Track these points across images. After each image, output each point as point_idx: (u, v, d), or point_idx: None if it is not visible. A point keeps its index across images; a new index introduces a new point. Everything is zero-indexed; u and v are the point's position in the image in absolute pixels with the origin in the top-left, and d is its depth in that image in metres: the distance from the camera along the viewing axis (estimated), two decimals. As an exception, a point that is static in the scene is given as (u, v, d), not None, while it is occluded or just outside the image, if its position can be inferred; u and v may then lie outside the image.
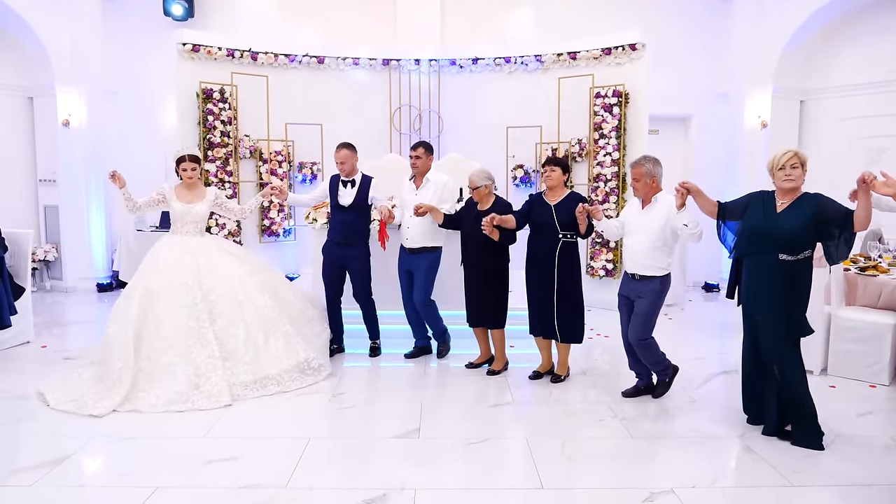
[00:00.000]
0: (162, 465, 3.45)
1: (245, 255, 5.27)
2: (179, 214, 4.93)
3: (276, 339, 4.79)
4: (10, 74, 8.39)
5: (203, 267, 4.76)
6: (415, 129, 8.41)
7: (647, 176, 4.29)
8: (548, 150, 7.98)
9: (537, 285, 4.76)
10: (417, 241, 5.27)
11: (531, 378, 4.96)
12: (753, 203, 3.76)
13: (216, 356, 4.47)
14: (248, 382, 4.51)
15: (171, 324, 4.48)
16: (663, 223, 4.23)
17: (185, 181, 4.99)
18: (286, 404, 4.45)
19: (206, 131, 7.48)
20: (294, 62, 8.07)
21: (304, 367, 4.78)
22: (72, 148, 8.50)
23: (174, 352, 4.42)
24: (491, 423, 4.10)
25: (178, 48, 7.46)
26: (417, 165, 5.29)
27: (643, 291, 4.31)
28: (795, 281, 3.60)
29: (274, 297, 4.97)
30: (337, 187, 5.37)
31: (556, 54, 7.92)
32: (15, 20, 7.93)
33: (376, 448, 3.72)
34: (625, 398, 4.52)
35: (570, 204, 4.63)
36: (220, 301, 4.68)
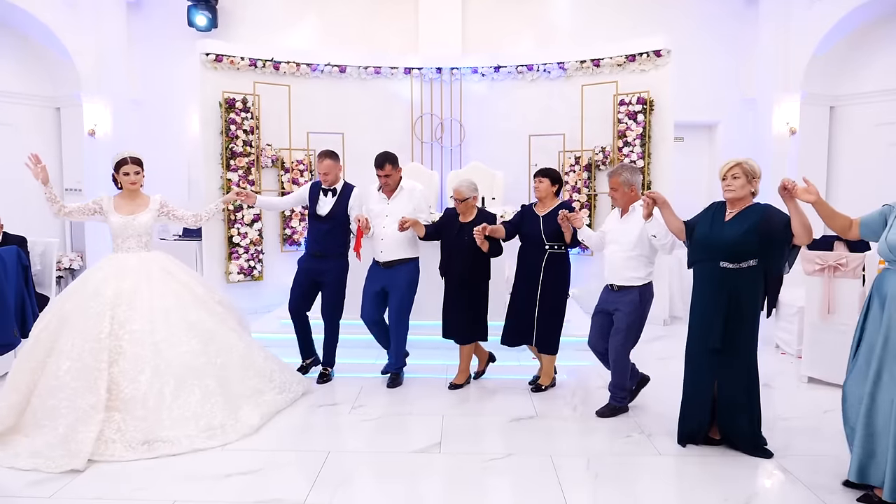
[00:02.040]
0: (180, 479, 3.42)
1: (192, 281, 4.40)
2: (119, 228, 4.22)
3: (190, 395, 3.92)
4: (38, 85, 8.50)
5: (126, 292, 3.99)
6: (436, 138, 8.36)
7: (626, 185, 4.27)
8: (570, 158, 7.89)
9: (523, 295, 4.74)
10: (393, 253, 4.96)
11: (533, 391, 4.90)
12: (705, 213, 3.82)
13: (99, 407, 3.67)
14: (136, 442, 3.68)
15: (69, 360, 3.76)
16: (640, 232, 4.20)
17: (127, 188, 4.31)
18: (305, 417, 4.41)
19: (228, 140, 7.50)
20: (316, 71, 8.08)
21: (212, 434, 3.88)
22: (97, 157, 8.57)
23: (63, 394, 3.69)
24: (513, 439, 4.02)
25: (201, 58, 7.49)
26: (389, 184, 4.95)
27: (621, 303, 4.24)
28: (738, 289, 3.59)
29: (206, 342, 4.12)
30: (317, 195, 5.07)
31: (579, 61, 7.84)
32: (42, 31, 8.03)
33: (397, 462, 3.65)
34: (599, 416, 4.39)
35: (556, 215, 4.58)
36: (132, 337, 3.88)
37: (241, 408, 4.12)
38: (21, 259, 5.27)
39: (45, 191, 4.18)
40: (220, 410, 3.98)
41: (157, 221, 4.43)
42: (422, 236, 4.97)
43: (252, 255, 7.68)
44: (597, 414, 4.38)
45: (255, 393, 4.28)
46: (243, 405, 4.15)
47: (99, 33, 8.42)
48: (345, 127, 8.04)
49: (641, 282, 4.25)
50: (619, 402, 4.41)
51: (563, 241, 4.62)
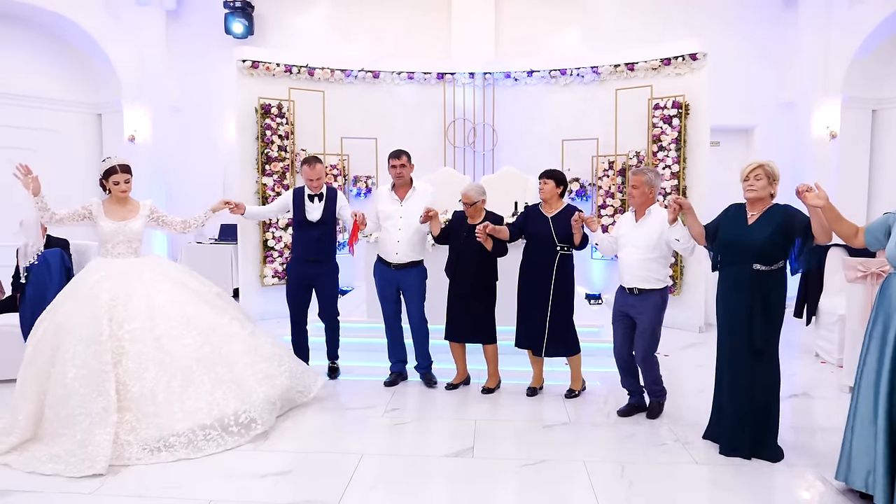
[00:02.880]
0: (216, 478, 3.47)
1: (187, 278, 4.40)
2: (109, 234, 4.20)
3: (200, 385, 3.91)
4: (81, 92, 8.74)
5: (120, 295, 3.99)
6: (469, 143, 8.37)
7: (647, 185, 4.31)
8: (604, 162, 7.83)
9: (531, 297, 4.74)
10: (407, 255, 4.99)
11: (528, 395, 4.89)
12: (726, 216, 3.89)
13: (111, 409, 3.65)
14: (151, 441, 3.67)
15: (73, 367, 3.73)
16: (658, 235, 4.24)
17: (118, 196, 4.28)
18: (339, 419, 4.44)
19: (264, 146, 7.61)
20: (350, 77, 8.16)
21: (227, 424, 3.87)
22: (137, 163, 8.59)
23: (74, 401, 3.67)
24: (547, 445, 3.99)
25: (238, 65, 7.62)
26: (402, 175, 5.02)
27: (643, 308, 4.28)
28: (769, 291, 3.67)
29: (208, 333, 4.12)
30: (302, 202, 5.08)
31: (613, 65, 7.78)
32: (86, 40, 8.26)
33: (430, 466, 3.66)
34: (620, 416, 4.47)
35: (566, 216, 4.65)
36: (132, 336, 3.88)
37: (255, 391, 4.09)
38: (64, 261, 5.40)
39: (37, 201, 4.08)
40: (234, 399, 3.96)
41: (147, 227, 4.41)
42: (436, 235, 5.00)
43: (286, 258, 7.77)
44: (647, 416, 4.43)
45: (266, 377, 4.24)
46: (256, 388, 4.11)
47: (139, 41, 8.63)
48: (378, 132, 8.10)
49: (661, 284, 4.31)
50: (660, 397, 4.48)
51: (572, 243, 4.67)
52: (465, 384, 5.15)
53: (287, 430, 4.17)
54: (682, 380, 5.37)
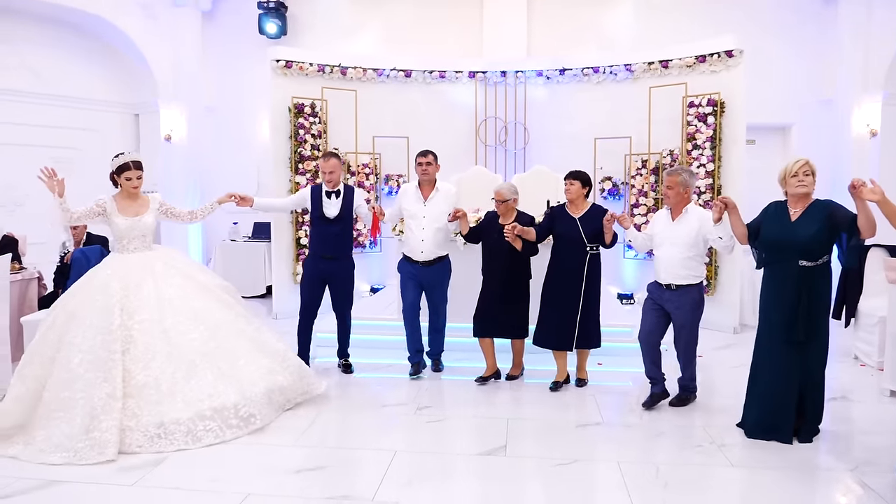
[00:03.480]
0: (254, 472, 3.52)
1: (196, 272, 4.50)
2: (125, 230, 4.27)
3: (203, 378, 3.97)
4: (119, 93, 8.92)
5: (133, 286, 4.08)
6: (500, 142, 8.37)
7: (682, 186, 4.38)
8: (637, 161, 7.76)
9: (559, 296, 4.81)
10: (432, 252, 5.14)
11: (551, 389, 4.94)
12: (768, 215, 3.95)
13: (117, 395, 3.73)
14: (152, 427, 3.74)
15: (80, 352, 3.80)
16: (695, 234, 4.34)
17: (129, 191, 4.35)
18: (372, 416, 4.48)
19: (297, 145, 7.69)
20: (382, 76, 8.20)
21: (227, 416, 3.93)
22: (173, 162, 8.93)
23: (77, 385, 3.73)
24: (579, 444, 3.97)
25: (271, 65, 7.70)
26: (428, 173, 5.15)
27: (680, 303, 4.39)
28: (815, 285, 3.77)
29: (213, 328, 4.19)
30: (320, 198, 5.14)
31: (646, 63, 7.71)
32: (124, 41, 8.44)
33: (462, 464, 3.67)
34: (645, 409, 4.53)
35: (594, 216, 4.76)
36: (141, 326, 3.96)
37: (256, 385, 4.15)
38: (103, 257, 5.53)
39: (60, 203, 4.16)
40: (234, 392, 4.02)
41: (157, 219, 4.48)
42: (465, 234, 5.10)
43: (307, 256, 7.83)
44: (670, 404, 4.56)
45: (269, 373, 4.29)
46: (258, 383, 4.17)
47: (176, 42, 8.79)
48: (409, 131, 8.13)
49: (698, 279, 4.42)
50: (692, 392, 4.61)
51: (600, 242, 4.75)
52: (495, 378, 5.20)
53: (321, 426, 4.22)
54: (716, 381, 5.30)
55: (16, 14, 7.81)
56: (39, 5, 7.68)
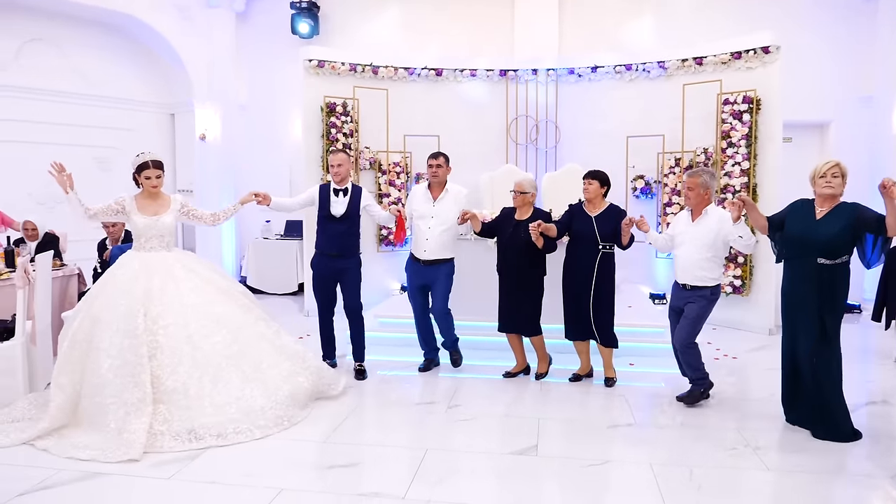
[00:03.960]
0: (287, 468, 3.57)
1: (215, 276, 4.50)
2: (142, 229, 4.28)
3: (229, 381, 4.04)
4: (156, 93, 9.11)
5: (155, 290, 4.10)
6: (531, 140, 8.33)
7: (702, 187, 4.45)
8: (670, 159, 7.66)
9: (574, 293, 4.91)
10: (436, 253, 5.18)
11: (571, 380, 5.08)
12: (794, 211, 4.02)
13: (147, 400, 3.80)
14: (183, 432, 3.80)
15: (108, 357, 3.87)
16: (714, 235, 4.40)
17: (149, 191, 4.36)
18: (403, 414, 4.50)
19: (328, 143, 7.75)
20: (413, 75, 8.22)
21: (255, 418, 3.98)
22: (207, 160, 9.08)
23: (108, 390, 3.82)
24: (611, 445, 3.95)
25: (304, 64, 7.78)
26: (438, 175, 5.20)
27: (693, 297, 4.46)
28: (832, 283, 3.83)
29: (235, 331, 4.23)
30: (328, 197, 5.15)
31: (680, 60, 7.61)
32: (161, 42, 8.60)
33: (493, 463, 3.67)
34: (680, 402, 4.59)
35: (610, 216, 4.83)
36: (166, 332, 3.99)
37: (281, 388, 4.21)
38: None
39: (70, 197, 4.18)
40: (260, 395, 4.08)
41: (178, 220, 4.48)
42: (477, 231, 5.14)
43: (349, 254, 7.90)
44: (680, 399, 4.57)
45: (291, 375, 4.34)
46: (282, 386, 4.23)
47: (210, 43, 8.93)
48: (440, 129, 8.14)
49: (714, 282, 4.46)
50: (701, 385, 4.57)
51: (615, 241, 4.81)
52: (524, 373, 5.26)
53: (353, 423, 4.26)
54: (751, 383, 5.23)
55: (63, 18, 8.05)
56: (84, 9, 7.89)
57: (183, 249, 5.69)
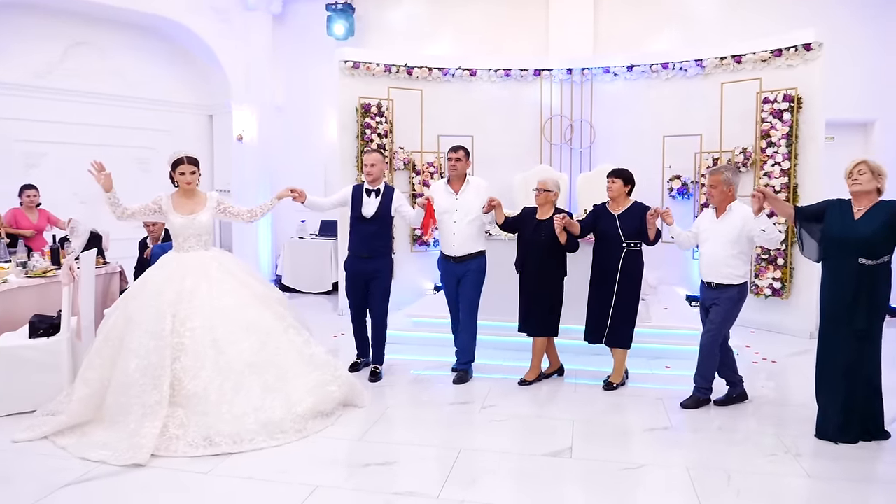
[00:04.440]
0: (322, 465, 3.61)
1: (252, 280, 4.45)
2: (179, 228, 4.28)
3: (250, 391, 3.95)
4: (195, 95, 9.29)
5: (186, 291, 4.08)
6: (566, 140, 8.28)
7: (725, 184, 4.43)
8: (708, 159, 7.54)
9: (598, 291, 4.91)
10: (465, 247, 5.09)
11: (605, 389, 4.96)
12: (831, 211, 3.96)
13: (163, 403, 3.77)
14: (199, 439, 3.74)
15: (136, 357, 3.88)
16: (738, 231, 4.37)
17: (184, 188, 4.36)
18: (436, 413, 4.52)
19: (363, 144, 7.81)
20: (447, 75, 8.23)
21: (272, 431, 3.88)
22: (244, 161, 9.23)
23: (132, 391, 3.82)
24: (647, 448, 3.91)
25: (339, 65, 7.84)
26: (457, 168, 5.10)
27: (719, 299, 4.42)
28: (874, 284, 3.79)
29: (264, 339, 4.16)
30: (360, 197, 5.11)
31: (718, 58, 7.48)
32: (199, 45, 8.77)
33: (528, 464, 3.66)
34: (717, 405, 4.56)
35: (633, 214, 4.81)
36: (192, 334, 3.96)
37: (303, 401, 4.09)
38: (181, 254, 5.75)
39: (109, 196, 4.21)
40: (280, 407, 3.97)
41: (214, 218, 4.44)
42: (500, 223, 5.09)
43: (383, 254, 7.94)
44: (681, 405, 4.53)
45: (317, 387, 4.21)
46: (306, 399, 4.11)
47: (248, 45, 9.07)
48: (474, 130, 8.14)
49: (740, 280, 4.41)
50: (703, 394, 4.55)
51: (639, 240, 4.78)
52: (559, 374, 5.27)
53: (387, 422, 4.29)
54: (791, 388, 5.13)
55: (105, 22, 8.27)
56: (125, 13, 8.08)
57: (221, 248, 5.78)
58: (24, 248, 6.14)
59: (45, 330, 4.53)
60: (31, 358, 4.38)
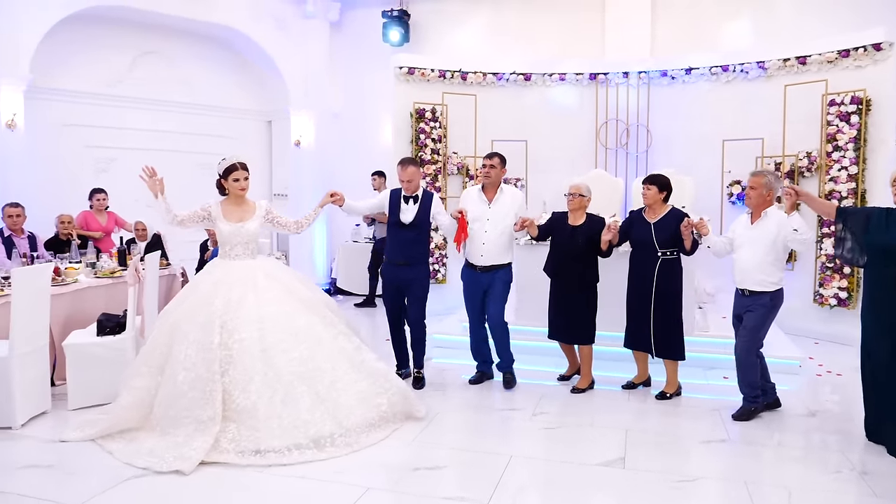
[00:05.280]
0: (374, 467, 3.65)
1: (298, 285, 4.34)
2: (227, 236, 4.19)
3: (300, 402, 3.85)
4: (255, 101, 9.56)
5: (234, 301, 3.98)
6: (622, 144, 8.16)
7: (765, 187, 4.31)
8: (770, 163, 7.32)
9: (636, 301, 4.82)
10: (494, 258, 4.98)
11: (624, 388, 5.00)
12: (877, 219, 3.87)
13: (216, 419, 3.71)
14: (248, 452, 3.67)
15: (184, 370, 3.81)
16: (774, 237, 4.27)
17: (236, 194, 4.27)
18: (488, 419, 4.51)
19: (417, 149, 7.88)
20: (501, 80, 8.23)
21: (322, 444, 3.79)
22: (301, 166, 9.43)
23: (182, 402, 3.78)
24: (703, 461, 3.82)
25: (394, 71, 7.94)
26: (491, 175, 4.98)
27: (753, 305, 4.33)
28: None
29: (314, 347, 4.05)
30: (398, 203, 4.98)
31: (781, 60, 7.25)
32: (260, 53, 9.01)
33: (578, 473, 3.62)
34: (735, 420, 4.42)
35: (670, 221, 4.68)
36: (241, 346, 3.87)
37: (353, 412, 3.97)
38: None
39: (160, 202, 4.12)
40: (330, 420, 3.86)
41: (262, 227, 4.36)
42: (535, 236, 5.02)
43: (436, 259, 7.99)
44: (733, 417, 4.40)
45: (368, 397, 4.09)
46: (355, 409, 3.99)
47: (306, 53, 9.28)
48: (528, 134, 8.12)
49: (774, 287, 4.32)
50: (754, 403, 4.42)
51: (678, 247, 4.67)
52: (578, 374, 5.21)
53: (439, 426, 4.30)
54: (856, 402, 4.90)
55: (171, 32, 8.60)
56: (191, 23, 8.39)
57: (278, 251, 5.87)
58: (94, 250, 6.42)
59: (112, 328, 4.73)
60: (98, 354, 4.59)
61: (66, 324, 4.98)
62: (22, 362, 4.17)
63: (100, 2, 7.60)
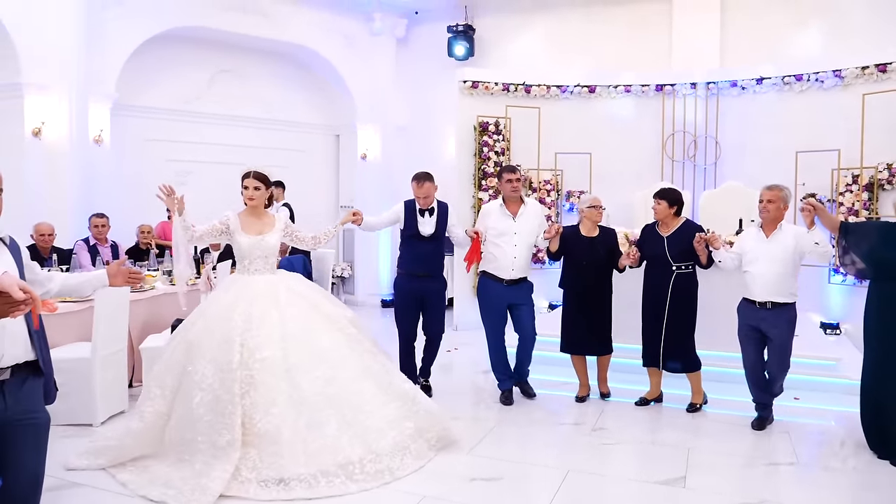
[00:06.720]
0: (429, 476, 3.68)
1: (322, 300, 4.10)
2: (246, 249, 3.98)
3: (326, 426, 3.57)
4: (324, 116, 9.86)
5: (255, 318, 3.71)
6: (689, 156, 8.00)
7: (783, 201, 4.33)
8: (847, 176, 7.03)
9: (650, 316, 4.79)
10: (522, 270, 5.00)
11: (637, 405, 4.97)
12: (887, 234, 3.92)
13: (236, 445, 3.42)
14: (271, 482, 3.38)
15: (200, 391, 3.53)
16: (792, 250, 4.30)
17: (248, 205, 4.07)
18: (546, 432, 4.49)
19: (481, 162, 7.94)
20: (565, 93, 8.21)
21: (352, 472, 3.49)
22: (367, 178, 9.65)
23: (198, 426, 3.49)
24: (768, 484, 3.68)
25: (459, 85, 8.04)
26: (517, 189, 5.00)
27: (778, 322, 4.32)
28: None
29: (339, 367, 3.79)
30: (414, 216, 4.97)
31: (859, 68, 6.97)
32: (329, 70, 9.32)
33: (637, 491, 3.57)
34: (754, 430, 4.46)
35: (683, 235, 4.66)
36: (262, 366, 3.59)
37: (384, 436, 3.72)
38: (306, 266, 6.11)
39: (182, 220, 3.94)
40: (360, 445, 3.61)
41: (281, 240, 4.19)
42: (554, 250, 4.97)
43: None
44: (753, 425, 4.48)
45: (397, 420, 3.85)
46: (386, 432, 3.75)
47: (373, 68, 9.52)
48: (592, 147, 8.07)
49: (794, 298, 4.36)
50: (769, 414, 4.54)
51: (693, 261, 4.66)
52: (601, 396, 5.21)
53: (496, 438, 4.31)
54: None
55: (246, 50, 9.02)
56: (264, 41, 8.78)
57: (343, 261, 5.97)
58: (171, 259, 6.73)
59: (186, 334, 4.93)
60: (172, 359, 4.76)
61: (143, 328, 5.26)
62: (103, 364, 4.41)
63: (181, 23, 8.04)
